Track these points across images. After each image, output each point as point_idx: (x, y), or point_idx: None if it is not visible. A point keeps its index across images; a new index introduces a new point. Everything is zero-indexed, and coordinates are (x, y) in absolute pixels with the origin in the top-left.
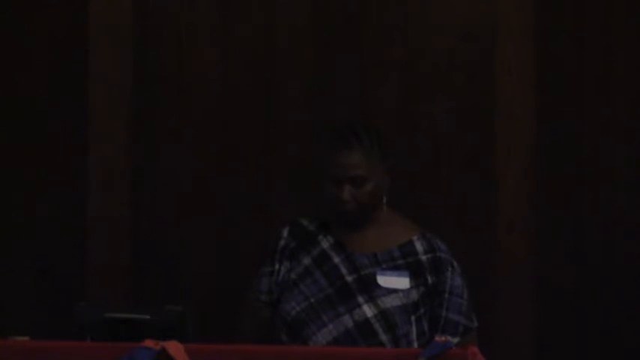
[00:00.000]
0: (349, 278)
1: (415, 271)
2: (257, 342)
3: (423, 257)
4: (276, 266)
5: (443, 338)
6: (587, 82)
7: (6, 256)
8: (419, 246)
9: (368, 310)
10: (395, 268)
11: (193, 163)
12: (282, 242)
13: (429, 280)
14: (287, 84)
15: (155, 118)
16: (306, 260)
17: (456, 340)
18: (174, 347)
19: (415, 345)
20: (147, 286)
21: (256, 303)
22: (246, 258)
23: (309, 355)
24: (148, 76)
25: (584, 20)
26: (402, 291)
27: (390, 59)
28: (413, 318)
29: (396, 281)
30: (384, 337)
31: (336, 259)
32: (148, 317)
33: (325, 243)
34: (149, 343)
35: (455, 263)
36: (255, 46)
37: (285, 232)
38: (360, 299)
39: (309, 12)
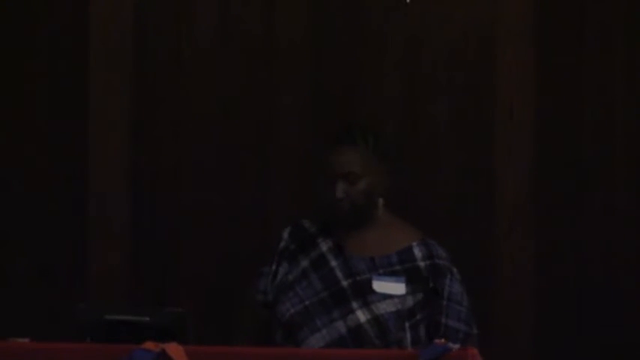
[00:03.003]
0: (345, 283)
1: (412, 278)
2: (254, 340)
3: (421, 264)
4: (274, 267)
5: (442, 340)
6: (587, 83)
7: (6, 256)
8: (417, 252)
9: (361, 316)
10: (392, 274)
11: (193, 163)
12: (282, 244)
13: (425, 286)
14: (287, 84)
15: (155, 119)
16: (304, 262)
17: (456, 346)
18: (174, 349)
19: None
20: (147, 288)
21: (253, 302)
22: (246, 259)
23: (307, 356)
24: (147, 76)
25: (584, 21)
26: (398, 297)
27: (389, 59)
28: (407, 324)
29: (391, 287)
30: (377, 342)
31: (333, 263)
32: (148, 319)
33: (324, 246)
34: (149, 345)
35: (454, 270)
36: (255, 46)
37: (285, 234)
38: (354, 304)
39: (308, 12)
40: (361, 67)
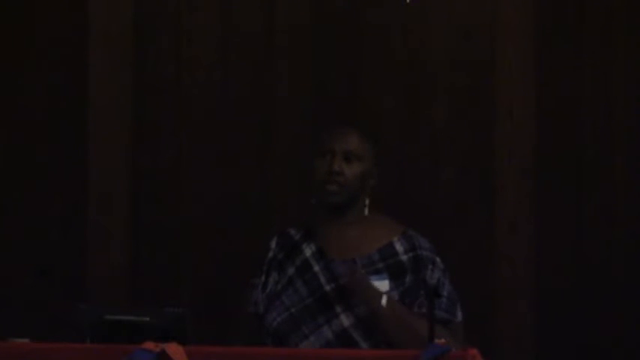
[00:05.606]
0: (328, 287)
1: (395, 273)
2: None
3: (404, 257)
4: (263, 278)
5: (442, 340)
6: (587, 83)
7: (6, 256)
8: (399, 246)
9: (345, 320)
10: (375, 272)
11: (193, 164)
12: (270, 254)
13: (408, 278)
14: (287, 85)
15: (155, 120)
16: (291, 270)
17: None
18: (174, 349)
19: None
20: (146, 288)
21: (245, 314)
22: (245, 260)
23: (307, 357)
24: (148, 77)
25: (584, 20)
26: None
27: (390, 60)
28: None
29: (375, 285)
30: (364, 345)
31: (316, 268)
32: (148, 319)
33: (308, 251)
34: (149, 345)
35: (437, 260)
36: (255, 49)
37: (273, 244)
38: (338, 309)
39: (308, 13)
40: (361, 67)
